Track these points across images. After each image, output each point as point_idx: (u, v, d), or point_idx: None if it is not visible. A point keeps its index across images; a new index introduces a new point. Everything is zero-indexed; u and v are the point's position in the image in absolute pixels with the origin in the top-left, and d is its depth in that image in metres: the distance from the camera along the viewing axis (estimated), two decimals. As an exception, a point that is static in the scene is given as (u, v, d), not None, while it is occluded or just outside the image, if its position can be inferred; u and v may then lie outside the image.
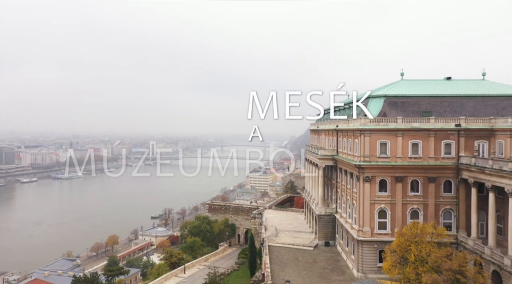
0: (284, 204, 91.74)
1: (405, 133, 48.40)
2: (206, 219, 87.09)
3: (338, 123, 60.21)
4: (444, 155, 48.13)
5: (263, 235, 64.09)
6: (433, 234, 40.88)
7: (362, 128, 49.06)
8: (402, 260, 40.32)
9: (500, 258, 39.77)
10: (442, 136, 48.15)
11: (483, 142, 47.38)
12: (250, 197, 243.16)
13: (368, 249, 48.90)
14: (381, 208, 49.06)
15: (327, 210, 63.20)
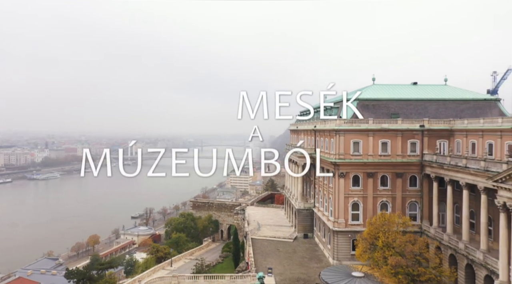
0: (265, 201, 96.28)
1: (375, 133, 53.67)
2: (190, 215, 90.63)
3: (316, 123, 65.15)
4: (410, 153, 53.69)
5: (246, 229, 68.37)
6: (399, 223, 46.15)
7: (337, 128, 54.06)
8: (372, 246, 45.38)
9: (456, 243, 45.50)
10: (408, 136, 53.70)
11: (443, 141, 53.21)
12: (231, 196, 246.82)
13: (342, 238, 53.95)
14: (354, 201, 54.20)
15: (306, 204, 68.09)
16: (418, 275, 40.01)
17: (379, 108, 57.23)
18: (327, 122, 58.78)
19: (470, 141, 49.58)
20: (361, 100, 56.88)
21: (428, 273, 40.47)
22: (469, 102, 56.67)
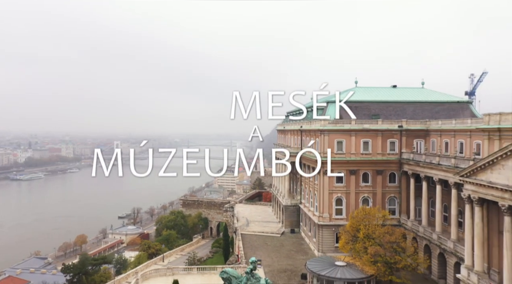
0: (253, 199, 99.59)
1: (357, 133, 57.56)
2: (180, 213, 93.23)
3: (302, 124, 68.78)
4: (389, 152, 57.77)
5: (236, 225, 71.57)
6: (378, 217, 49.96)
7: (322, 128, 57.75)
8: (354, 238, 49.00)
9: (430, 234, 49.68)
10: (387, 136, 57.76)
11: (420, 140, 57.46)
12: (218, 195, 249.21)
13: (327, 232, 57.66)
14: (338, 197, 57.99)
15: (292, 201, 71.68)
16: (395, 262, 43.79)
17: (361, 109, 61.12)
18: (313, 123, 62.45)
19: (443, 140, 53.83)
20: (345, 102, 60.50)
21: (404, 261, 44.30)
22: (444, 104, 61.15)
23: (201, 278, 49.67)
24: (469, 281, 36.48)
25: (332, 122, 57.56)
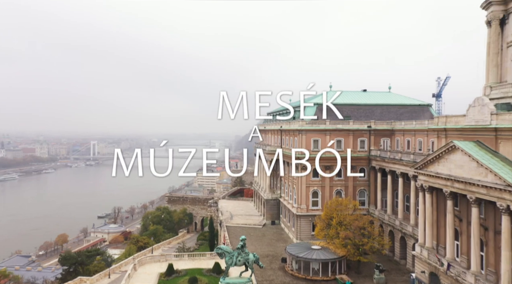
0: (235, 195, 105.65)
1: (331, 132, 64.65)
2: (166, 209, 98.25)
3: (282, 124, 75.45)
4: (359, 149, 65.16)
5: (221, 218, 77.55)
6: (349, 207, 57.08)
7: (300, 128, 64.57)
8: (327, 225, 55.93)
9: (393, 221, 57.28)
10: (358, 135, 65.16)
11: (386, 139, 65.12)
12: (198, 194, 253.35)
13: (304, 221, 64.53)
14: (314, 190, 64.95)
15: (273, 195, 78.30)
16: (362, 244, 50.85)
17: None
18: (292, 123, 69.22)
19: (406, 139, 61.60)
20: (320, 104, 67.62)
21: (370, 243, 51.50)
22: (407, 106, 69.17)
23: (192, 263, 55.46)
24: (421, 256, 43.93)
25: (309, 122, 64.47)
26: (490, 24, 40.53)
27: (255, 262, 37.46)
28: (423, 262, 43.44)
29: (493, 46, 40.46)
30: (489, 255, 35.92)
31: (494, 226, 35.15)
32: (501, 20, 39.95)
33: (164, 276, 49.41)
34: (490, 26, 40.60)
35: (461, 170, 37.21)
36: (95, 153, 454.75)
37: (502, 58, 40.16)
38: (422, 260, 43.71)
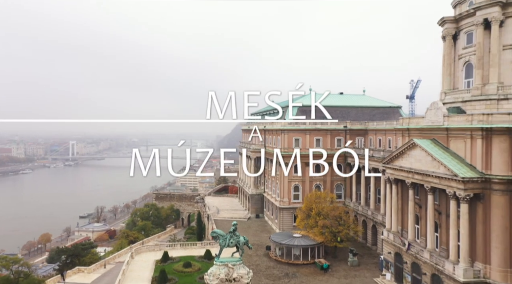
0: (220, 192, 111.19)
1: (311, 132, 71.17)
2: (154, 206, 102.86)
3: (265, 124, 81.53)
4: (336, 147, 71.87)
5: (208, 212, 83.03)
6: (327, 199, 63.58)
7: (283, 128, 70.80)
8: (307, 216, 62.28)
9: (366, 211, 64.21)
10: (335, 134, 71.91)
11: (360, 137, 72.13)
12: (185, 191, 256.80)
13: (286, 213, 70.83)
14: (295, 185, 71.32)
15: (257, 191, 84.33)
16: (338, 232, 57.44)
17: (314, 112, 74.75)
18: (275, 123, 75.40)
19: (378, 137, 68.73)
20: (300, 106, 74.05)
21: (345, 230, 58.16)
22: (379, 108, 76.46)
23: (184, 251, 60.81)
24: (388, 239, 50.75)
25: (291, 123, 70.80)
26: (445, 39, 47.66)
27: (245, 243, 43.23)
28: (390, 245, 50.28)
29: (447, 58, 47.63)
30: (442, 235, 42.91)
31: (446, 210, 42.12)
32: (454, 35, 47.11)
33: (160, 262, 54.63)
34: (445, 41, 47.74)
35: (420, 163, 44.09)
36: (74, 153, 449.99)
37: (454, 68, 47.34)
38: (389, 242, 50.54)
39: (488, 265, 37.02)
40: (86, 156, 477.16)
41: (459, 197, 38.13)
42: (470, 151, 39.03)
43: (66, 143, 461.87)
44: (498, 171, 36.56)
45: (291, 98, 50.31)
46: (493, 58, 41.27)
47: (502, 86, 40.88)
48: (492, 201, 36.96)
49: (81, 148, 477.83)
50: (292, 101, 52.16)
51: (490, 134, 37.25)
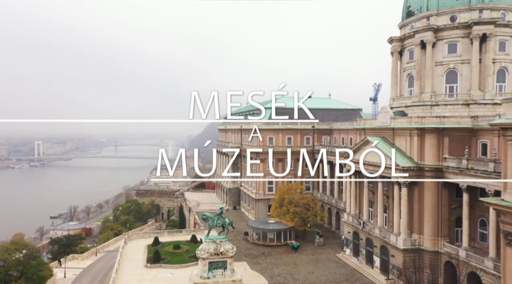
0: (198, 188, 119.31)
1: (283, 131, 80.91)
2: (135, 201, 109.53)
3: (241, 124, 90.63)
4: (305, 145, 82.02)
5: (190, 205, 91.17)
6: (297, 190, 73.44)
7: (258, 128, 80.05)
8: (280, 205, 71.89)
9: (331, 200, 74.68)
10: (304, 133, 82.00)
11: (326, 136, 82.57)
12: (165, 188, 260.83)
13: (261, 204, 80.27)
14: (270, 179, 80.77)
15: (234, 185, 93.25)
16: (307, 217, 67.39)
17: (286, 113, 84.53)
18: (251, 123, 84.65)
19: (341, 136, 79.34)
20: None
21: (313, 216, 68.19)
22: (342, 110, 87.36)
23: (172, 237, 68.87)
24: (347, 221, 61.13)
25: (265, 123, 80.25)
26: (393, 54, 58.53)
27: (229, 224, 52.17)
28: (349, 225, 60.67)
29: (394, 70, 58.53)
30: (389, 215, 53.55)
31: (392, 194, 52.74)
32: (400, 52, 58.04)
33: (151, 246, 62.48)
34: (393, 56, 58.62)
35: (372, 156, 54.30)
36: (39, 153, 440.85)
37: (400, 79, 58.29)
38: (348, 224, 60.94)
39: (422, 235, 47.79)
40: (53, 156, 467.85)
41: (400, 182, 48.73)
42: (409, 146, 49.73)
43: (31, 143, 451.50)
44: (429, 161, 47.38)
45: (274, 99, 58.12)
46: (428, 72, 52.34)
47: (434, 94, 52.02)
48: (425, 185, 47.75)
49: (47, 148, 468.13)
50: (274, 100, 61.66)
51: (423, 132, 48.04)
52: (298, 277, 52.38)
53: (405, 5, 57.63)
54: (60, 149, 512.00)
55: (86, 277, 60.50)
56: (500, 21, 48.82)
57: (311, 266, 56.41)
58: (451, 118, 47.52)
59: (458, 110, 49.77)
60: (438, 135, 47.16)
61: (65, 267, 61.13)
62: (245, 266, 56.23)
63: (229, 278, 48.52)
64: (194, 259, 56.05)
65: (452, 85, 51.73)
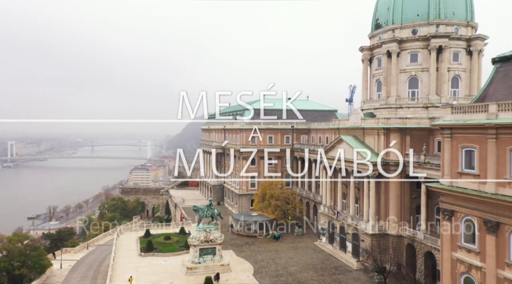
0: (182, 186, 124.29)
1: (265, 130, 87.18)
2: (120, 199, 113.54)
3: (225, 124, 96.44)
4: (285, 143, 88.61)
5: (176, 201, 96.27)
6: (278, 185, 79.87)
7: (241, 128, 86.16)
8: (262, 199, 78.19)
9: (309, 194, 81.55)
10: (284, 132, 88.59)
11: (305, 135, 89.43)
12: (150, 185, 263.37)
13: (245, 199, 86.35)
14: (252, 175, 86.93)
15: (218, 181, 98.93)
16: (287, 210, 73.92)
17: (267, 114, 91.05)
18: (233, 123, 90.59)
19: (318, 135, 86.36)
20: (256, 109, 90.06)
21: (292, 209, 74.79)
22: (320, 111, 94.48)
23: (161, 230, 74.12)
24: (323, 212, 67.98)
25: (248, 123, 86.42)
26: (363, 62, 65.73)
27: (218, 215, 58.05)
28: (325, 216, 67.53)
29: (365, 76, 65.75)
30: (360, 205, 60.60)
31: (362, 187, 59.77)
32: (369, 60, 65.29)
33: (143, 238, 67.52)
34: (363, 63, 65.81)
35: (345, 153, 61.39)
36: (13, 154, 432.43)
37: (370, 84, 65.54)
38: (324, 214, 67.79)
39: (387, 221, 54.97)
40: (27, 157, 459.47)
41: (369, 176, 55.77)
42: (377, 144, 56.80)
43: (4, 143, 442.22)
44: (394, 157, 54.53)
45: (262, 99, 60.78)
46: (393, 78, 59.71)
47: (399, 98, 59.42)
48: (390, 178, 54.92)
49: (20, 148, 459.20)
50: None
51: (388, 132, 55.17)
52: (280, 262, 58.71)
53: (374, 18, 64.93)
54: (34, 150, 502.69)
55: (81, 268, 65.02)
56: (453, 35, 56.65)
57: (291, 252, 62.88)
58: (412, 119, 54.94)
59: (418, 112, 57.26)
60: (401, 134, 54.36)
61: (61, 259, 65.42)
62: (231, 253, 62.14)
63: (218, 262, 54.50)
64: (184, 248, 61.74)
65: (414, 90, 59.27)
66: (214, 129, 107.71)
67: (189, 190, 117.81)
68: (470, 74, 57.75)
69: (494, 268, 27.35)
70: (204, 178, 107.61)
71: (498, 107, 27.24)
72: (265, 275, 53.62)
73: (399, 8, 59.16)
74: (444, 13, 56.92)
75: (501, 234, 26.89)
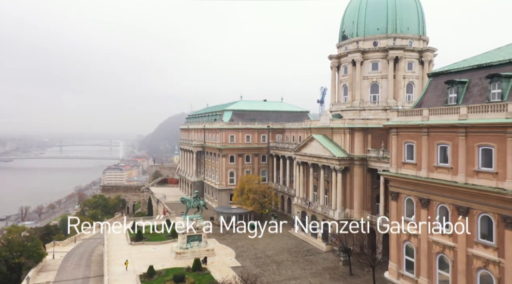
0: (161, 183, 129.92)
1: (243, 130, 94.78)
2: (101, 196, 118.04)
3: (205, 124, 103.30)
4: (261, 142, 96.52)
5: (158, 197, 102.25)
6: (255, 181, 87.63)
7: (221, 127, 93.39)
8: (241, 193, 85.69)
9: (283, 188, 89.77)
10: (261, 132, 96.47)
11: (279, 135, 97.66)
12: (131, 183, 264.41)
13: (224, 194, 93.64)
14: (231, 171, 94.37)
15: (198, 178, 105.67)
16: (264, 202, 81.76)
17: (245, 115, 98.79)
18: (213, 123, 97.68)
19: (292, 135, 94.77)
20: (235, 110, 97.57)
21: (268, 201, 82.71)
22: (293, 113, 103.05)
23: (146, 222, 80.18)
24: (297, 203, 76.25)
25: (227, 123, 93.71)
26: (332, 68, 74.46)
27: (203, 205, 65.11)
28: (298, 206, 75.82)
29: (333, 81, 74.51)
30: (329, 196, 69.17)
31: (330, 179, 68.35)
32: (337, 67, 74.09)
33: (131, 228, 73.56)
34: (332, 70, 74.54)
35: (316, 150, 69.90)
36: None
37: (338, 88, 74.35)
38: (297, 205, 76.08)
39: (352, 209, 63.72)
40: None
41: (336, 169, 64.39)
42: (343, 141, 65.46)
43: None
44: (357, 152, 63.32)
45: None
46: (357, 84, 68.65)
47: (362, 101, 68.42)
48: (354, 170, 63.70)
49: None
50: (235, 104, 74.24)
51: (353, 131, 63.88)
52: (258, 247, 66.46)
53: (341, 30, 73.78)
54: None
55: (73, 258, 70.36)
56: (408, 47, 66.19)
57: (268, 239, 70.72)
58: (374, 120, 63.92)
59: (379, 114, 66.40)
60: (364, 133, 63.19)
61: (54, 251, 70.48)
62: (214, 241, 69.31)
63: (204, 248, 61.63)
64: (171, 238, 68.50)
65: (375, 94, 68.41)
66: (194, 128, 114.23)
67: (169, 187, 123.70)
68: (422, 81, 67.43)
69: (426, 235, 36.02)
70: (184, 175, 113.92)
71: (429, 112, 35.92)
72: (246, 258, 61.21)
73: (362, 23, 68.15)
74: (400, 28, 66.39)
75: (431, 208, 35.61)
